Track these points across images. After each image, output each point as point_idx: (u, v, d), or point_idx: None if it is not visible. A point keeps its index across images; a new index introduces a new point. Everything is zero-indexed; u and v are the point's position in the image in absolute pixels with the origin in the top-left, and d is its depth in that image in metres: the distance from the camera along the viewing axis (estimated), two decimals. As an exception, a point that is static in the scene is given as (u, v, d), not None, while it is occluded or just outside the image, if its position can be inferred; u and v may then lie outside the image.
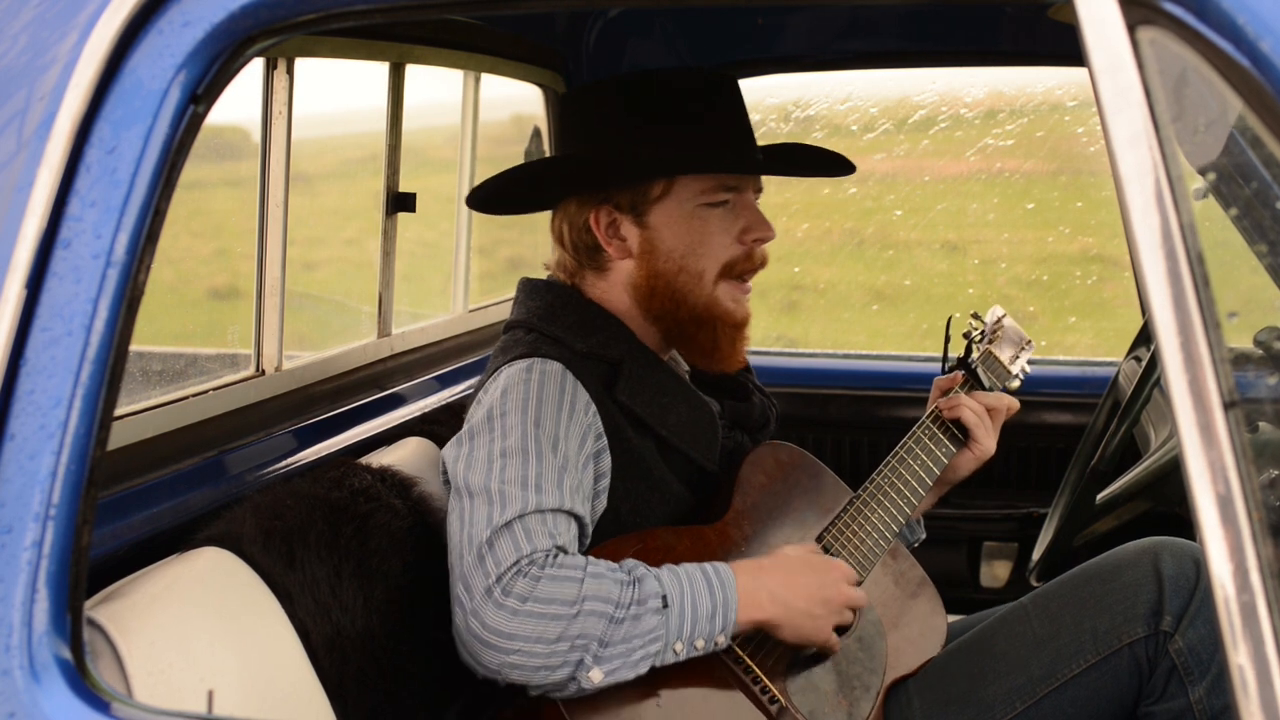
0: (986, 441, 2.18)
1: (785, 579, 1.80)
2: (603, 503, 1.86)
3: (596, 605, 1.64)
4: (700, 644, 1.71)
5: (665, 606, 1.68)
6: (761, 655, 1.83)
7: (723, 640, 1.73)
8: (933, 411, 2.19)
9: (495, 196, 2.10)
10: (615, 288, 1.98)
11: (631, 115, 1.96)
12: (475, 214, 3.00)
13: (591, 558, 1.70)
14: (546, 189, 2.07)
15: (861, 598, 1.89)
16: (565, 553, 1.70)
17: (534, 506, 1.70)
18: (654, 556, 1.82)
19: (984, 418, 2.17)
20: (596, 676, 1.63)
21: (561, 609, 1.62)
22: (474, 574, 1.65)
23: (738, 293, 1.98)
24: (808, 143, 2.19)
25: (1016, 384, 2.35)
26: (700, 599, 1.71)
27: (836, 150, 2.14)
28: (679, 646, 1.70)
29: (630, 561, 1.73)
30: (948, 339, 2.32)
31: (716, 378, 2.10)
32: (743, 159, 1.97)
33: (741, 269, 1.97)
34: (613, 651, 1.64)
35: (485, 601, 1.63)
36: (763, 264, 2.00)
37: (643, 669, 1.67)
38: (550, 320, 1.94)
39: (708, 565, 1.76)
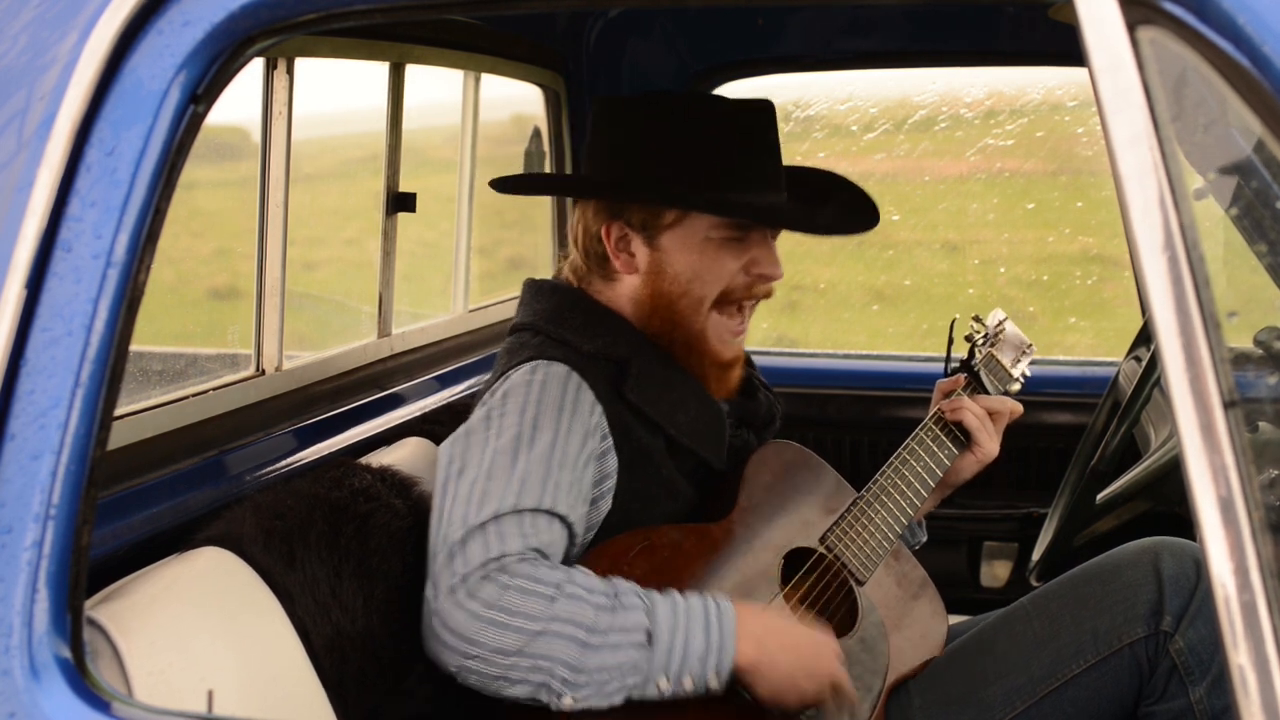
0: (989, 444, 2.18)
1: (778, 634, 1.74)
2: (607, 504, 1.86)
3: (565, 627, 1.61)
4: (688, 683, 1.66)
5: (649, 643, 1.64)
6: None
7: (714, 684, 1.68)
8: (936, 413, 2.19)
9: (516, 184, 2.13)
10: (620, 297, 1.98)
11: (655, 141, 1.94)
12: (475, 214, 3.00)
13: (574, 572, 1.67)
14: (566, 190, 2.08)
15: (846, 680, 1.80)
16: (543, 556, 1.68)
17: (511, 506, 1.69)
18: (659, 554, 1.82)
19: (986, 421, 2.18)
20: (568, 702, 1.61)
21: (525, 623, 1.60)
22: (442, 572, 1.65)
23: (726, 333, 1.97)
24: (839, 173, 2.12)
25: (1016, 387, 2.36)
26: (694, 637, 1.67)
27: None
28: (663, 683, 1.65)
29: (624, 585, 1.69)
30: (950, 341, 2.32)
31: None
32: (754, 206, 1.93)
33: (740, 297, 1.96)
34: (584, 679, 1.61)
35: (449, 600, 1.62)
36: (764, 295, 1.98)
37: (617, 700, 1.63)
38: (557, 322, 1.94)
39: (711, 601, 1.71)
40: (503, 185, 2.11)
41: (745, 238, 1.93)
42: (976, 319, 2.39)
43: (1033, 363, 2.45)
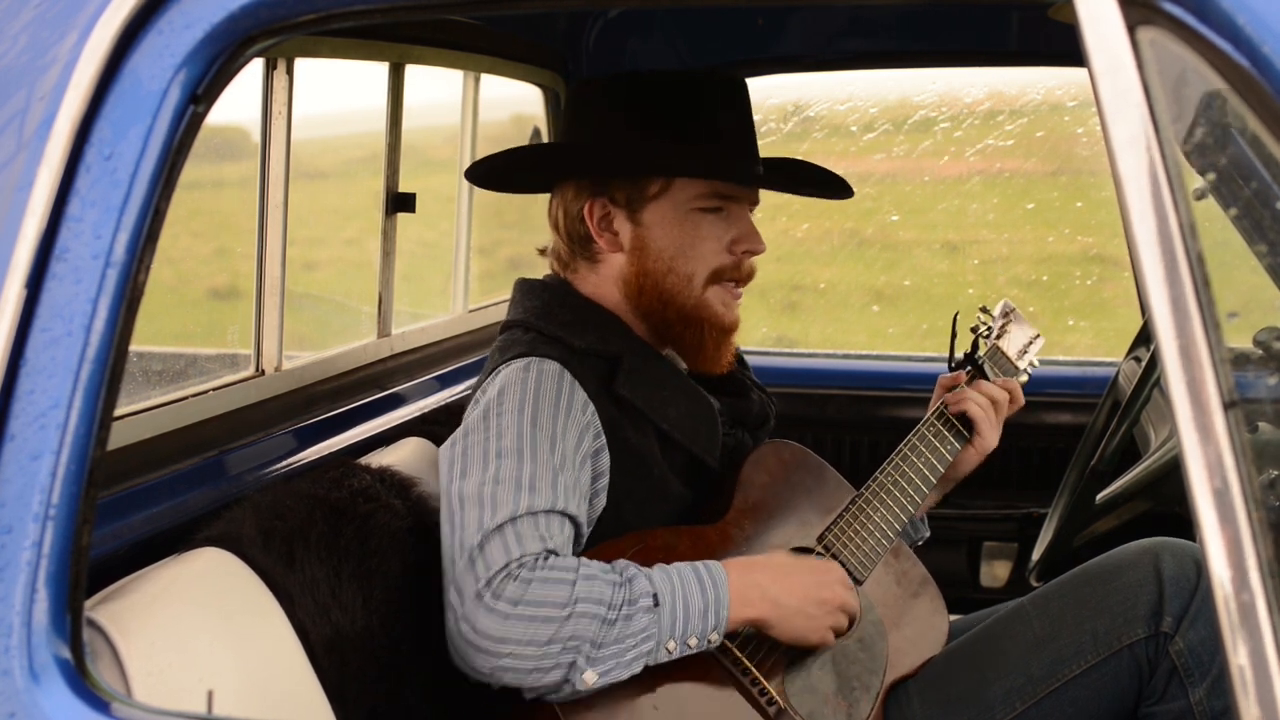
0: (989, 435, 2.18)
1: (778, 576, 1.80)
2: (602, 501, 1.86)
3: (589, 607, 1.63)
4: (693, 642, 1.71)
5: (656, 605, 1.68)
6: (759, 656, 1.83)
7: (715, 638, 1.73)
8: (938, 409, 2.19)
9: (495, 174, 2.12)
10: (606, 281, 1.99)
11: (637, 112, 1.96)
12: (475, 214, 3.00)
13: (584, 559, 1.70)
14: (545, 172, 2.08)
15: (855, 603, 1.88)
16: (557, 554, 1.70)
17: (525, 509, 1.70)
18: (654, 556, 1.82)
19: (989, 411, 2.17)
20: (590, 678, 1.63)
21: (553, 611, 1.62)
22: (465, 578, 1.65)
23: (728, 296, 1.99)
24: (811, 160, 2.17)
25: (1024, 379, 2.35)
26: (692, 597, 1.71)
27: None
28: (672, 645, 1.69)
29: (622, 562, 1.73)
30: (954, 334, 2.31)
31: (713, 375, 2.11)
32: (740, 169, 1.97)
33: (730, 277, 1.98)
34: (606, 653, 1.64)
35: (476, 606, 1.63)
36: (750, 276, 2.01)
37: (636, 669, 1.67)
38: (547, 318, 1.94)
39: (699, 564, 1.76)
40: (487, 182, 2.13)
41: (727, 210, 1.96)
42: (983, 310, 2.38)
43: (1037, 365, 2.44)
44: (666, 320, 1.97)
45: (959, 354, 2.31)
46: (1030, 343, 2.39)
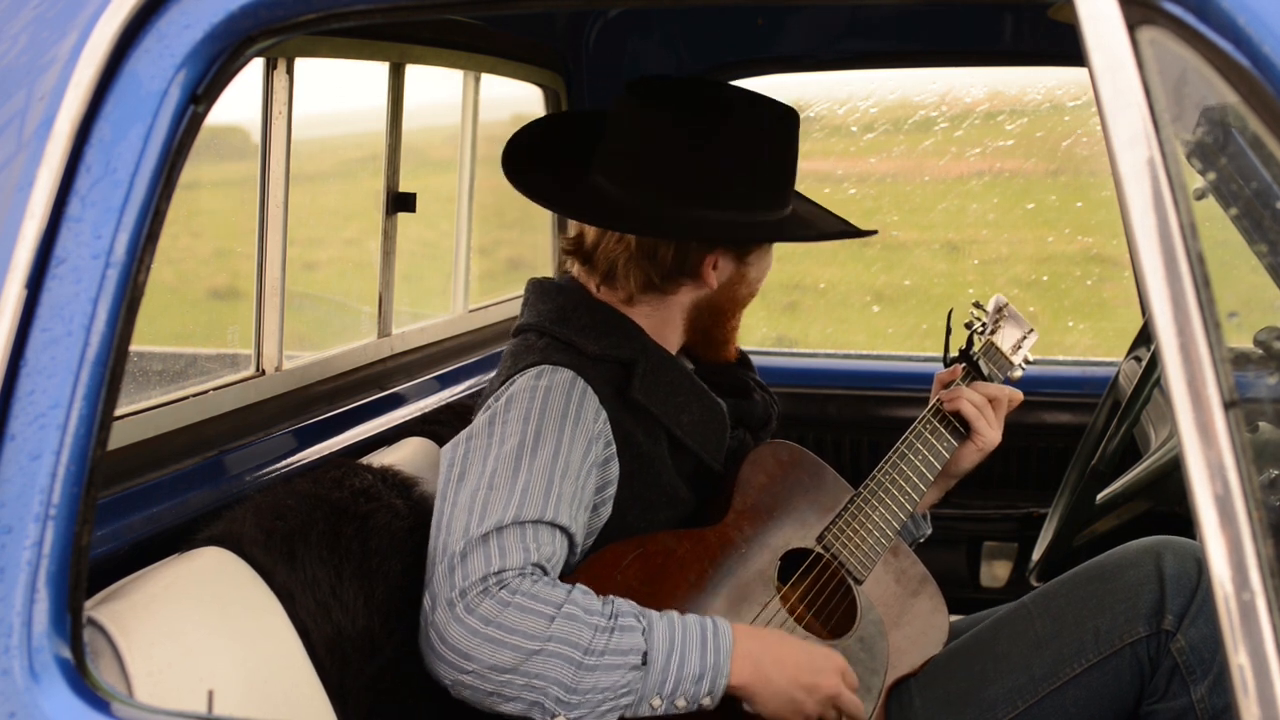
0: (989, 433, 2.17)
1: (770, 647, 1.75)
2: (607, 510, 1.86)
3: (562, 648, 1.61)
4: (681, 703, 1.67)
5: (644, 664, 1.65)
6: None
7: (708, 703, 1.69)
8: (933, 406, 2.19)
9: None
10: (672, 307, 1.99)
11: (737, 156, 1.91)
12: (475, 214, 3.00)
13: (575, 593, 1.67)
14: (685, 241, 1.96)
15: (856, 701, 1.81)
16: (544, 572, 1.68)
17: (513, 518, 1.68)
18: (654, 561, 1.81)
19: (985, 409, 2.16)
20: None
21: (523, 641, 1.60)
22: (442, 584, 1.65)
23: None
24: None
25: (1019, 374, 2.34)
26: (689, 658, 1.67)
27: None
28: (657, 702, 1.66)
29: (623, 605, 1.69)
30: (949, 331, 2.31)
31: (719, 376, 2.11)
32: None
33: None
34: (578, 699, 1.61)
35: (447, 615, 1.62)
36: None
37: (610, 719, 1.64)
38: (562, 323, 1.93)
39: (709, 622, 1.72)
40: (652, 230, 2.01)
41: None
42: (977, 305, 2.38)
43: (1033, 362, 2.44)
44: (730, 328, 2.07)
45: (954, 351, 2.32)
46: (1024, 338, 2.39)
